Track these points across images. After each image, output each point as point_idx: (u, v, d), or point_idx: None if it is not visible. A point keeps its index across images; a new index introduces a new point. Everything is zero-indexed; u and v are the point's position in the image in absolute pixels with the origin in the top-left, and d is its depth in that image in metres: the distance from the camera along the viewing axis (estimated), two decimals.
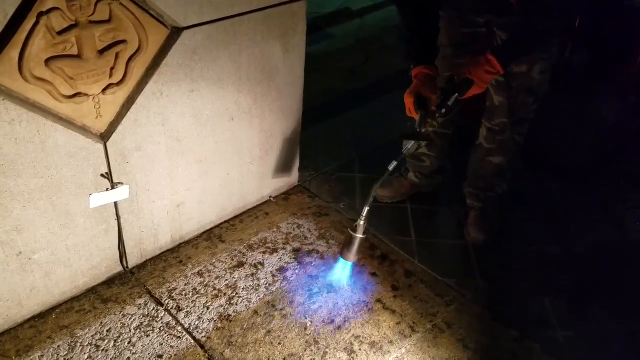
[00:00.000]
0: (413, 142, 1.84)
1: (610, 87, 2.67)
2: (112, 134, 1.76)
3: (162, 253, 2.13)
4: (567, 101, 2.57)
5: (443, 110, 1.79)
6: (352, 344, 1.83)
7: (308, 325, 1.88)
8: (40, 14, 1.46)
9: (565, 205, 2.49)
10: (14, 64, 1.47)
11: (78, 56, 1.57)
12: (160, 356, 1.75)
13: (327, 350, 1.81)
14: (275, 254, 2.15)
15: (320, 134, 2.82)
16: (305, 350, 1.80)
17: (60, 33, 1.51)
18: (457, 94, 1.78)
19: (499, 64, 1.73)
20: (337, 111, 3.05)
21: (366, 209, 1.85)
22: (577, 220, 2.41)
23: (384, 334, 1.88)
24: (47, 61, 1.52)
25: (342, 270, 2.05)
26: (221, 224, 2.28)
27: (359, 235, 1.88)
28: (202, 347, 1.79)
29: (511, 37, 1.86)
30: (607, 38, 2.63)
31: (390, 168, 1.84)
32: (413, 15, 1.88)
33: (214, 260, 2.11)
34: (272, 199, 2.42)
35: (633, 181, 2.62)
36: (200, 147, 2.03)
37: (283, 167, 2.40)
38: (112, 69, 1.66)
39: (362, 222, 1.86)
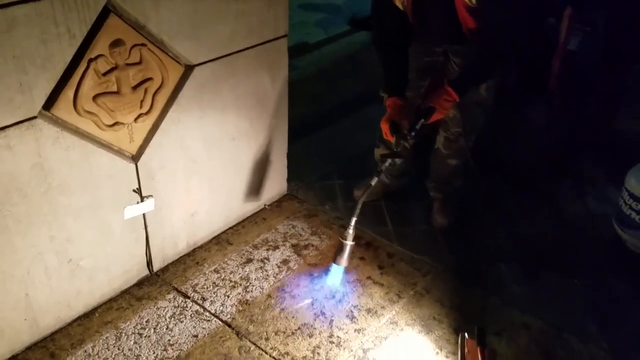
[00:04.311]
0: (389, 160, 2.26)
1: (537, 98, 3.28)
2: (142, 155, 2.13)
3: (181, 257, 2.47)
4: (503, 112, 3.11)
5: (413, 133, 2.21)
6: (352, 311, 2.23)
7: (314, 301, 2.27)
8: (90, 60, 1.83)
9: (511, 199, 2.97)
10: (69, 101, 1.83)
11: (117, 92, 1.95)
12: (196, 336, 2.10)
13: (332, 318, 2.20)
14: (277, 250, 2.54)
15: (301, 150, 3.23)
16: (315, 320, 2.19)
17: (104, 74, 1.89)
18: (423, 119, 2.20)
19: (455, 93, 2.16)
20: (313, 130, 3.49)
21: (354, 219, 2.18)
22: (522, 209, 2.90)
23: (377, 302, 2.29)
24: (95, 97, 1.89)
25: (336, 275, 2.29)
26: (227, 229, 2.65)
27: (349, 242, 2.21)
28: (229, 325, 2.15)
29: (465, 71, 2.24)
30: (530, 61, 3.26)
31: (373, 183, 2.23)
32: (390, 54, 2.33)
33: (226, 259, 2.48)
34: (267, 207, 2.81)
35: (564, 176, 3.15)
36: (209, 164, 2.42)
37: (275, 179, 2.80)
38: (141, 101, 2.04)
39: (350, 231, 2.18)
